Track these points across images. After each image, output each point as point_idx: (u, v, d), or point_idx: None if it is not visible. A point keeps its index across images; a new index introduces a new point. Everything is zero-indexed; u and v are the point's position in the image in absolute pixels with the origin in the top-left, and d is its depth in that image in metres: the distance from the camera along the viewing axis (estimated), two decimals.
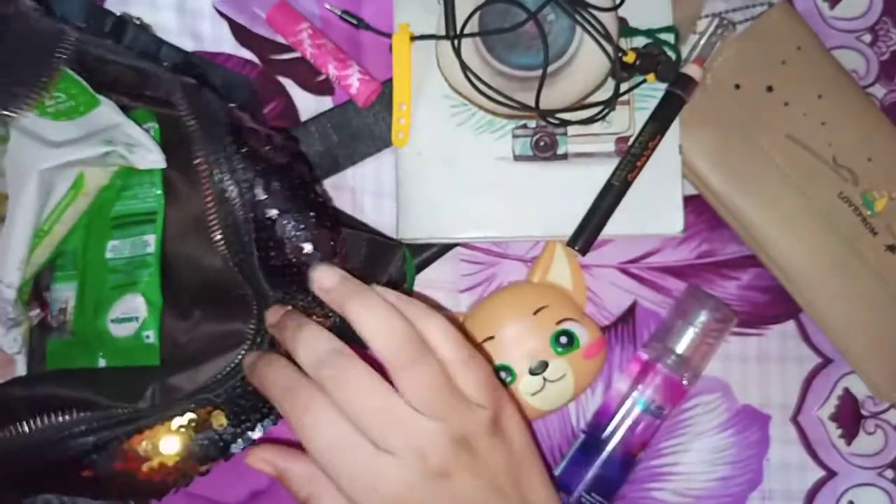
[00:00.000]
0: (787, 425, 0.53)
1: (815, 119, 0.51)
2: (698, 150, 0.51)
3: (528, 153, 0.50)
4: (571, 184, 0.50)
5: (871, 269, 0.50)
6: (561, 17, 0.50)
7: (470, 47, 0.50)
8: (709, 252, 0.53)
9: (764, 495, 0.52)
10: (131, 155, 0.42)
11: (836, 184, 0.51)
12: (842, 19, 0.55)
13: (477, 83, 0.49)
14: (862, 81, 0.54)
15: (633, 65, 0.50)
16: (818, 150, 0.51)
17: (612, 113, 0.50)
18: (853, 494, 0.53)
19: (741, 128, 0.51)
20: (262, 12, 0.52)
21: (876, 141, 0.51)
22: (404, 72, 0.50)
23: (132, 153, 0.42)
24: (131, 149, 0.42)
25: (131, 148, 0.42)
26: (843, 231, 0.50)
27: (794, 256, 0.51)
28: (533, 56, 0.50)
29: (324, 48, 0.51)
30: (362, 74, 0.51)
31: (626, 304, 0.53)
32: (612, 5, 0.50)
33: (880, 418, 0.53)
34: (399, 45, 0.50)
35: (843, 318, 0.51)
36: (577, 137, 0.50)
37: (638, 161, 0.49)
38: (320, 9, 0.53)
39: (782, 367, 0.53)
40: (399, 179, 0.51)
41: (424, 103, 0.51)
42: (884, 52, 0.54)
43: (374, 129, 0.52)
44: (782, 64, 0.51)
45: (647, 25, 0.51)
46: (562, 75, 0.50)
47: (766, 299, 0.53)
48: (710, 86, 0.51)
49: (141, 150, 0.42)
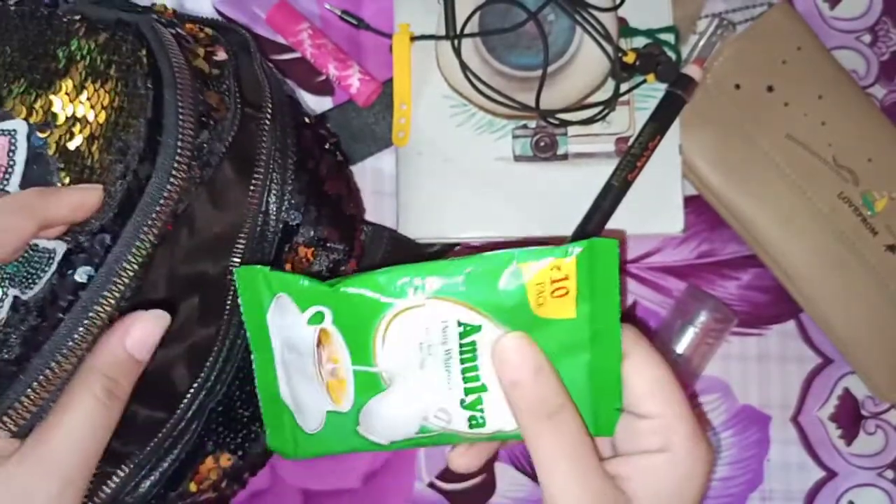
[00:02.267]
0: (787, 425, 0.53)
1: (816, 119, 0.51)
2: (698, 150, 0.51)
3: (528, 153, 0.50)
4: (571, 184, 0.50)
5: (871, 269, 0.50)
6: (561, 17, 0.50)
7: (470, 47, 0.50)
8: (709, 252, 0.53)
9: (764, 495, 0.52)
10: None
11: (836, 184, 0.51)
12: (842, 19, 0.55)
13: (477, 83, 0.49)
14: (862, 81, 0.54)
15: (633, 65, 0.50)
16: (818, 151, 0.51)
17: (612, 113, 0.50)
18: (853, 495, 0.53)
19: (741, 128, 0.51)
20: (262, 12, 0.52)
21: (876, 141, 0.51)
22: (404, 72, 0.50)
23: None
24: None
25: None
26: (843, 231, 0.50)
27: (795, 256, 0.51)
28: (533, 56, 0.50)
29: (324, 48, 0.51)
30: (362, 74, 0.51)
31: (626, 304, 0.53)
32: (612, 5, 0.50)
33: (880, 418, 0.53)
34: (399, 45, 0.50)
35: (843, 318, 0.51)
36: (577, 137, 0.51)
37: (638, 161, 0.49)
38: (320, 9, 0.53)
39: (782, 367, 0.53)
40: (399, 179, 0.51)
41: (425, 103, 0.51)
42: (884, 53, 0.54)
43: (375, 129, 0.52)
44: (782, 64, 0.51)
45: (647, 25, 0.51)
46: (562, 75, 0.50)
47: (767, 299, 0.53)
48: (710, 86, 0.51)
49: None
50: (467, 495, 0.52)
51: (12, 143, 0.35)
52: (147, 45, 0.36)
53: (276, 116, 0.40)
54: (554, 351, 0.30)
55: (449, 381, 0.31)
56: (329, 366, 0.32)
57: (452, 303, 0.30)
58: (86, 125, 0.35)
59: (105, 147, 0.35)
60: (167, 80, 0.35)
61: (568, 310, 0.30)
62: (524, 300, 0.29)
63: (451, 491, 0.52)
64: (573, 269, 0.29)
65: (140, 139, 0.34)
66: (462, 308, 0.30)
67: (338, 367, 0.32)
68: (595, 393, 0.32)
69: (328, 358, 0.32)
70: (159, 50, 0.36)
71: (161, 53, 0.36)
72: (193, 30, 0.40)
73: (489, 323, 0.30)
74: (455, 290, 0.29)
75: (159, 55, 0.36)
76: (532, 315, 0.30)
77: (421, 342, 0.30)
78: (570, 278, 0.29)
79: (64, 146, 0.35)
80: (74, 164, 0.35)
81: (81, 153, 0.35)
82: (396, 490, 0.52)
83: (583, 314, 0.30)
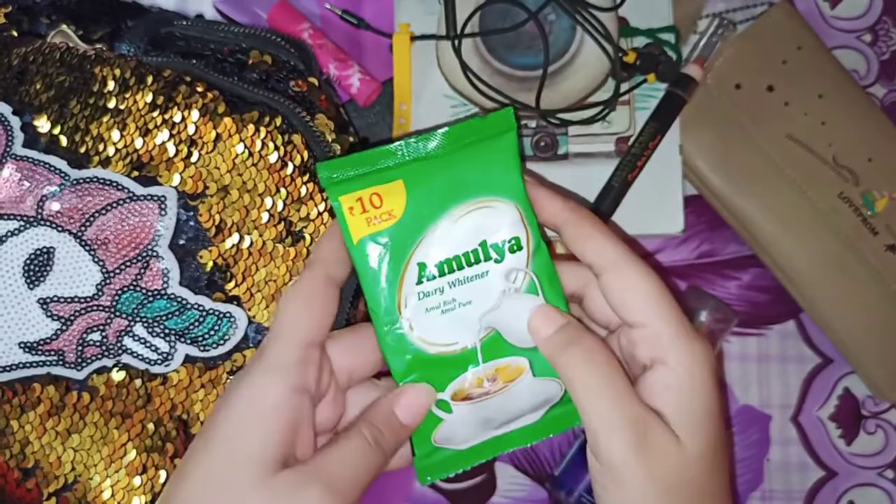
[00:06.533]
0: (787, 425, 0.53)
1: (816, 119, 0.51)
2: (698, 150, 0.51)
3: (529, 153, 0.50)
4: (572, 184, 0.50)
5: (871, 269, 0.50)
6: (561, 17, 0.50)
7: (470, 47, 0.50)
8: (709, 252, 0.53)
9: (764, 495, 0.53)
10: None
11: (836, 184, 0.51)
12: (842, 19, 0.55)
13: (477, 83, 0.49)
14: (862, 81, 0.54)
15: (633, 65, 0.50)
16: (818, 150, 0.51)
17: (613, 113, 0.50)
18: (853, 494, 0.53)
19: (741, 128, 0.51)
20: (262, 12, 0.52)
21: (876, 141, 0.51)
22: (405, 72, 0.50)
23: None
24: None
25: None
26: (844, 231, 0.50)
27: (795, 256, 0.51)
28: (533, 56, 0.50)
29: (324, 48, 0.51)
30: (363, 74, 0.51)
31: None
32: (612, 5, 0.50)
33: (880, 418, 0.53)
34: (399, 45, 0.50)
35: (842, 318, 0.51)
36: (577, 137, 0.51)
37: (638, 161, 0.49)
38: (321, 9, 0.53)
39: (782, 367, 0.53)
40: None
41: (425, 103, 0.51)
42: (884, 52, 0.54)
43: (375, 129, 0.52)
44: (783, 64, 0.51)
45: (647, 25, 0.51)
46: (562, 75, 0.50)
47: (767, 299, 0.53)
48: (710, 86, 0.51)
49: None
50: (467, 495, 0.52)
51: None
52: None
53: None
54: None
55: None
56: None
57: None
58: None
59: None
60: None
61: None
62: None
63: (451, 490, 0.52)
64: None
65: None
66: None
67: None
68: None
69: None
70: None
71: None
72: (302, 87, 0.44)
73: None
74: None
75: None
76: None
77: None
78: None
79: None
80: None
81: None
82: (396, 489, 0.52)
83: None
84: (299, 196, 0.40)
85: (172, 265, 0.38)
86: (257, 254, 0.39)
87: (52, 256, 0.37)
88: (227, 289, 0.38)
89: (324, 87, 0.44)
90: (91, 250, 0.37)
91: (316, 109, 0.42)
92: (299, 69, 0.44)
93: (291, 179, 0.39)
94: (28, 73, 0.39)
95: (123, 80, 0.39)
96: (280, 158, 0.39)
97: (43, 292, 0.37)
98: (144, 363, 0.38)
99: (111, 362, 0.38)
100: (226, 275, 0.38)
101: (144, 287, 0.38)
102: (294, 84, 0.43)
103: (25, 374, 0.38)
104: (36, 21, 0.42)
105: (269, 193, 0.39)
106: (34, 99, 0.38)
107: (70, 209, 0.37)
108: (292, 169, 0.40)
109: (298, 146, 0.40)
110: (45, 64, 0.39)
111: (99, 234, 0.37)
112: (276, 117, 0.40)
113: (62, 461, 0.38)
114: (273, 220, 0.39)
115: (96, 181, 0.38)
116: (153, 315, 0.38)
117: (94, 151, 0.38)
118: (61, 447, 0.38)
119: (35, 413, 0.38)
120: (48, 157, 0.37)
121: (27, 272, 0.37)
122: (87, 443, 0.38)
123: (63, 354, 0.38)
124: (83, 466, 0.38)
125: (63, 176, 0.37)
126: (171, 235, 0.38)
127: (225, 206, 0.38)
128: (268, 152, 0.39)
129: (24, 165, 0.37)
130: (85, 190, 0.37)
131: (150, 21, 0.43)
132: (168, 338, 0.38)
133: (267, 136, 0.39)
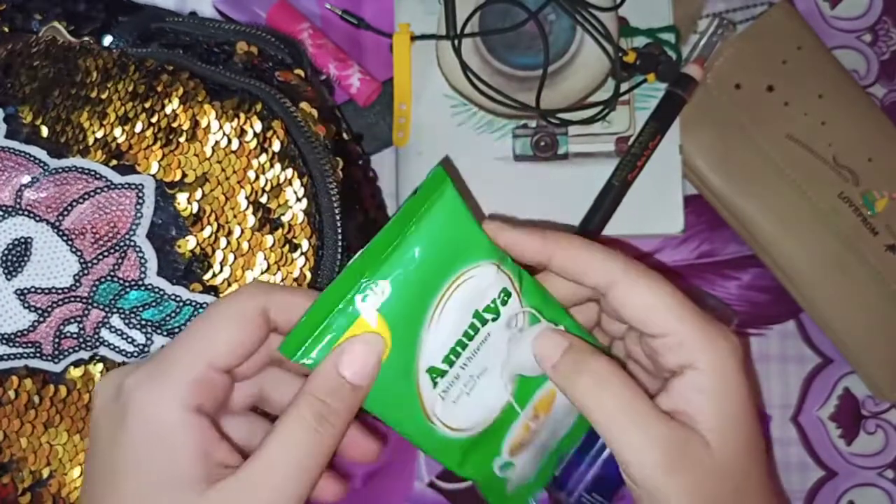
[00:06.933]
0: (787, 425, 0.53)
1: (816, 119, 0.51)
2: (698, 150, 0.51)
3: (529, 153, 0.50)
4: (571, 184, 0.50)
5: (871, 269, 0.50)
6: (561, 16, 0.50)
7: (470, 47, 0.50)
8: (709, 252, 0.53)
9: None
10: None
11: (836, 184, 0.51)
12: (842, 19, 0.55)
13: (477, 83, 0.49)
14: (862, 81, 0.54)
15: (633, 65, 0.50)
16: (818, 150, 0.51)
17: (613, 113, 0.50)
18: (853, 494, 0.53)
19: (741, 128, 0.51)
20: (262, 12, 0.52)
21: (876, 141, 0.51)
22: (405, 72, 0.50)
23: None
24: None
25: None
26: (844, 231, 0.50)
27: (795, 256, 0.51)
28: (533, 56, 0.50)
29: (324, 48, 0.51)
30: (363, 74, 0.51)
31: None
32: (612, 5, 0.50)
33: (880, 418, 0.53)
34: (399, 45, 0.50)
35: (842, 318, 0.51)
36: (577, 137, 0.51)
37: (638, 161, 0.49)
38: (321, 8, 0.53)
39: (782, 367, 0.53)
40: (399, 179, 0.51)
41: (425, 103, 0.51)
42: (884, 52, 0.54)
43: (375, 129, 0.52)
44: (783, 64, 0.51)
45: (647, 25, 0.51)
46: (562, 75, 0.50)
47: (767, 299, 0.53)
48: (710, 86, 0.51)
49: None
50: (467, 495, 0.52)
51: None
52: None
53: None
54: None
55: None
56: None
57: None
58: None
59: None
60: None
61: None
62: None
63: (451, 491, 0.52)
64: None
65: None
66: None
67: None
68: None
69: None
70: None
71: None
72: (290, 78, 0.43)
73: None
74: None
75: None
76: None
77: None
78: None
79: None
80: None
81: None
82: (396, 490, 0.52)
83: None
84: (278, 182, 0.39)
85: (150, 254, 0.37)
86: (235, 242, 0.38)
87: (29, 247, 0.37)
88: (204, 279, 0.38)
89: (312, 81, 0.43)
90: (69, 240, 0.37)
91: (300, 98, 0.41)
92: (286, 63, 0.43)
93: (271, 165, 0.39)
94: (14, 66, 0.39)
95: (106, 70, 0.39)
96: (259, 144, 0.39)
97: (20, 283, 0.37)
98: (121, 355, 0.38)
99: (88, 354, 0.37)
100: (203, 264, 0.38)
101: (122, 277, 0.37)
102: (280, 75, 0.42)
103: (3, 366, 0.37)
104: (29, 19, 0.42)
105: (247, 181, 0.38)
106: (18, 91, 0.38)
107: (48, 198, 0.37)
108: (271, 155, 0.39)
109: (278, 132, 0.39)
110: (30, 57, 0.39)
111: (77, 224, 0.37)
112: (256, 103, 0.39)
113: (38, 456, 0.37)
114: (252, 207, 0.38)
115: (75, 170, 0.37)
116: (130, 306, 0.37)
117: (73, 141, 0.37)
118: (38, 441, 0.37)
119: (12, 406, 0.37)
120: (28, 147, 0.37)
121: (4, 263, 0.37)
122: (63, 437, 0.38)
123: (40, 346, 0.37)
124: (58, 462, 0.38)
125: (42, 165, 0.37)
126: (148, 224, 0.37)
127: (203, 194, 0.38)
128: (247, 139, 0.39)
129: (4, 156, 0.37)
130: (63, 179, 0.37)
131: (142, 17, 0.43)
132: (145, 329, 0.37)
133: (246, 121, 0.39)
